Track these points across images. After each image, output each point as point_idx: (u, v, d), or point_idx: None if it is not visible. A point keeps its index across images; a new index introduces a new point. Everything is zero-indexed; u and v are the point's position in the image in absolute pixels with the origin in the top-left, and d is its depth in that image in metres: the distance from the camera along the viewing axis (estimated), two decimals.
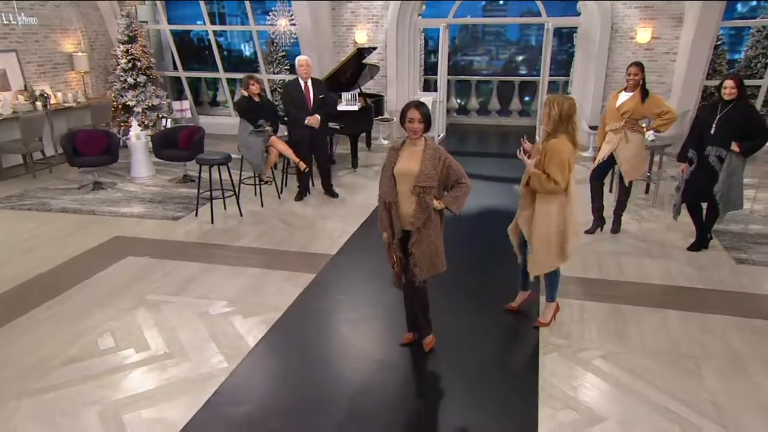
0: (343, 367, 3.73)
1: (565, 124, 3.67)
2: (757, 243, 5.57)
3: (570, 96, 3.83)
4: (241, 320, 4.21)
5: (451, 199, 3.49)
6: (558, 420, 3.15)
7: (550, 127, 3.70)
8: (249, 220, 6.43)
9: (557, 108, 3.65)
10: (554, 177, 3.64)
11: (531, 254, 3.92)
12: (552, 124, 3.68)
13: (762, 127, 5.01)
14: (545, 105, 3.74)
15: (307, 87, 6.85)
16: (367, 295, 4.70)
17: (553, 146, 3.67)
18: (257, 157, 6.83)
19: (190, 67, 12.45)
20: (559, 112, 3.64)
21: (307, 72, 6.82)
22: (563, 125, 3.67)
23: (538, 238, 3.84)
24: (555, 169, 3.63)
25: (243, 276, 4.94)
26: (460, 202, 3.51)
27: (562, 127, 3.67)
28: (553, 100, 3.70)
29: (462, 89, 12.89)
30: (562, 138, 3.69)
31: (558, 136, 3.67)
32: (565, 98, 3.72)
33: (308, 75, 6.84)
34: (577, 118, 3.71)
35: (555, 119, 3.66)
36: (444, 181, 3.49)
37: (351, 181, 8.07)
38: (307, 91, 6.85)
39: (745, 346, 3.84)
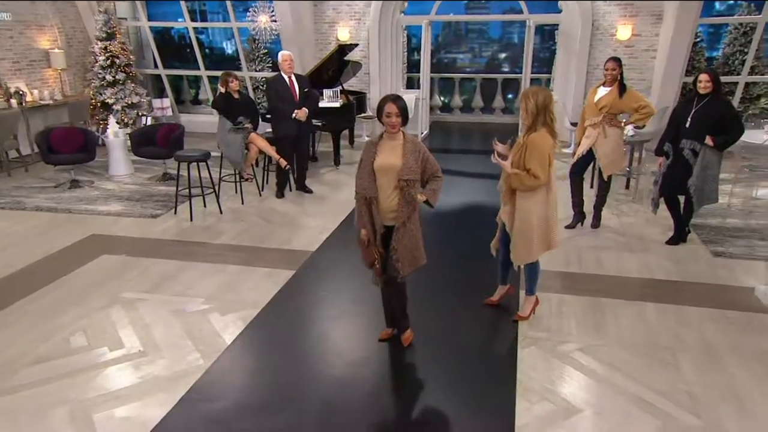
0: (320, 363, 3.69)
1: (543, 116, 3.66)
2: (733, 236, 5.62)
3: (545, 88, 3.82)
4: (218, 317, 4.15)
5: (430, 192, 3.48)
6: (534, 412, 3.14)
7: (529, 121, 3.69)
8: (229, 217, 6.36)
9: (533, 100, 3.64)
10: (535, 172, 3.63)
11: (512, 245, 3.91)
12: (530, 117, 3.67)
13: (736, 121, 5.06)
14: (521, 99, 3.74)
15: (292, 81, 6.81)
16: (347, 291, 4.67)
17: (534, 141, 3.66)
18: (237, 154, 6.76)
19: (171, 65, 12.31)
20: (536, 104, 3.63)
21: (291, 67, 6.79)
22: (541, 117, 3.66)
23: (519, 232, 3.83)
24: (536, 164, 3.62)
25: (221, 273, 4.88)
26: (437, 196, 3.51)
27: (541, 120, 3.66)
28: (529, 92, 3.69)
29: (445, 87, 12.91)
30: (542, 131, 3.68)
31: (538, 130, 3.66)
32: (541, 90, 3.71)
33: (292, 70, 6.81)
34: (553, 108, 3.70)
35: (532, 111, 3.65)
36: (421, 175, 3.47)
37: (333, 178, 8.03)
38: (292, 85, 6.81)
39: (720, 338, 3.87)
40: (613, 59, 5.52)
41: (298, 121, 6.73)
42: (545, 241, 3.89)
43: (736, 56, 9.81)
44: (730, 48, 9.92)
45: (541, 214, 3.81)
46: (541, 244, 3.88)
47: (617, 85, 5.48)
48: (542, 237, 3.86)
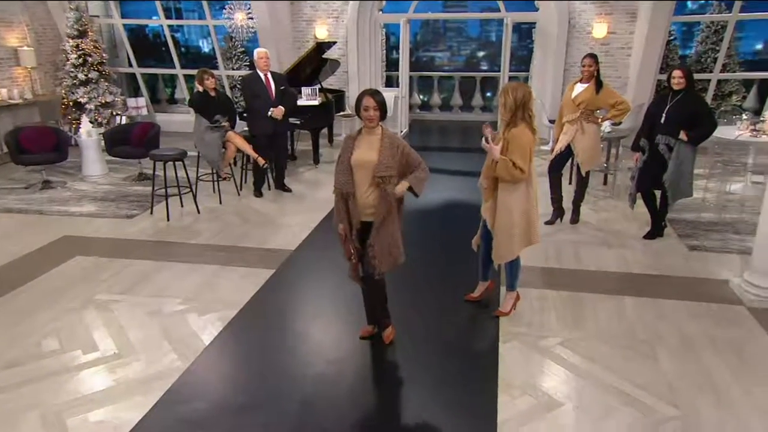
0: (300, 362, 3.64)
1: (522, 112, 3.66)
2: (708, 230, 5.71)
3: (524, 84, 3.83)
4: (195, 318, 4.08)
5: (414, 179, 3.43)
6: (516, 407, 3.14)
7: (507, 116, 3.69)
8: (206, 216, 6.27)
9: (512, 96, 3.64)
10: (519, 164, 3.63)
11: (494, 243, 3.91)
12: (508, 112, 3.68)
13: (709, 116, 5.13)
14: (500, 94, 3.74)
15: (268, 79, 6.75)
16: (327, 289, 4.63)
17: (514, 135, 3.66)
18: (214, 152, 6.67)
19: (146, 63, 12.11)
20: (514, 100, 3.64)
21: (267, 64, 6.72)
22: (520, 113, 3.66)
23: (501, 228, 3.82)
24: (518, 157, 3.62)
25: (198, 273, 4.80)
26: (422, 184, 3.48)
27: (519, 115, 3.66)
28: (508, 88, 3.69)
29: (424, 85, 12.92)
30: (522, 126, 3.68)
31: (518, 125, 3.67)
32: (519, 85, 3.72)
33: (268, 67, 6.75)
34: (533, 105, 3.71)
35: (511, 107, 3.65)
36: (403, 170, 3.44)
37: (312, 176, 7.97)
38: (268, 83, 6.75)
39: (697, 330, 3.91)
40: (590, 56, 5.57)
41: (275, 120, 6.66)
42: (526, 237, 3.90)
43: (709, 54, 9.99)
44: (702, 46, 10.09)
45: (523, 209, 3.81)
46: (523, 239, 3.89)
47: (594, 81, 5.53)
48: (523, 233, 3.87)
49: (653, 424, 2.99)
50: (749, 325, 3.97)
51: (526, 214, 3.83)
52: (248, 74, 6.98)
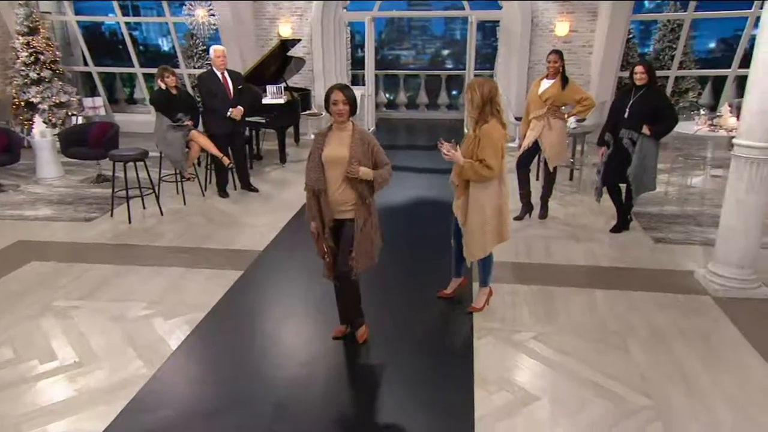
0: (272, 365, 3.54)
1: (490, 107, 3.64)
2: (672, 223, 5.83)
3: (490, 79, 3.81)
4: (161, 322, 3.93)
5: (380, 177, 3.36)
6: (493, 402, 3.12)
7: (476, 113, 3.66)
8: (170, 218, 6.08)
9: (478, 92, 3.62)
10: (489, 162, 3.60)
11: (466, 241, 3.88)
12: (476, 109, 3.65)
13: (670, 110, 5.24)
14: (467, 91, 3.70)
15: (225, 78, 6.61)
16: (297, 289, 4.54)
17: (487, 131, 3.63)
18: (177, 152, 6.48)
19: (102, 62, 11.73)
20: (481, 96, 3.61)
21: (224, 62, 6.58)
22: (488, 108, 3.64)
23: (473, 225, 3.79)
24: (489, 154, 3.59)
25: (163, 276, 4.64)
26: (383, 185, 3.39)
27: (488, 110, 3.65)
28: (474, 84, 3.67)
29: (390, 84, 12.90)
30: (493, 122, 3.66)
31: (488, 121, 3.64)
32: (485, 81, 3.70)
33: (224, 65, 6.60)
34: (500, 99, 3.70)
35: (478, 103, 3.63)
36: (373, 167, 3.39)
37: (279, 176, 7.83)
38: (226, 82, 6.61)
39: (665, 320, 3.97)
40: (555, 52, 5.62)
41: (232, 119, 6.53)
42: (498, 234, 3.88)
43: (666, 52, 10.24)
44: (660, 44, 10.34)
45: (495, 206, 3.79)
46: (495, 236, 3.87)
47: (560, 77, 5.58)
48: (495, 230, 3.85)
49: (626, 414, 3.01)
50: (715, 315, 4.05)
51: (498, 211, 3.82)
52: (204, 72, 6.81)
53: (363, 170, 3.29)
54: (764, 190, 4.08)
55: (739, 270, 4.26)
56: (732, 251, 4.25)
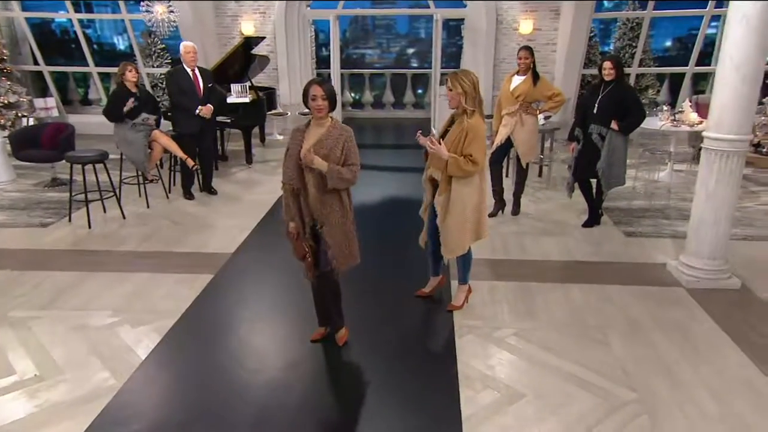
0: (248, 371, 3.39)
1: (477, 96, 3.57)
2: (641, 217, 5.91)
3: (467, 69, 3.73)
4: (128, 330, 3.73)
5: (336, 172, 3.13)
6: (479, 402, 3.06)
7: (470, 103, 3.54)
8: (133, 222, 5.83)
9: (466, 81, 3.52)
10: (476, 158, 3.53)
11: (444, 238, 3.80)
12: (470, 99, 3.54)
13: (638, 105, 5.30)
14: (452, 82, 3.54)
15: (195, 75, 6.39)
16: (271, 292, 4.40)
17: (474, 126, 3.55)
18: (139, 153, 6.21)
19: (54, 61, 11.24)
20: (471, 83, 3.53)
21: (194, 59, 6.37)
22: (477, 98, 3.56)
23: (452, 222, 3.71)
24: (477, 149, 3.53)
25: (128, 282, 4.42)
26: (339, 178, 3.15)
27: (477, 100, 3.57)
28: (459, 74, 3.56)
29: (355, 83, 12.77)
30: (477, 116, 3.59)
31: (474, 113, 3.57)
32: (466, 71, 3.62)
33: (195, 62, 6.39)
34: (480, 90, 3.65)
35: (470, 93, 3.52)
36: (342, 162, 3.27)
37: (246, 177, 7.63)
38: (196, 79, 6.40)
39: (642, 312, 4.00)
40: (526, 48, 5.62)
41: (201, 118, 6.32)
42: (476, 231, 3.83)
43: (626, 50, 10.45)
44: (620, 42, 10.55)
45: (476, 203, 3.73)
46: (473, 233, 3.82)
47: (531, 73, 5.58)
48: (474, 226, 3.80)
49: (613, 408, 3.00)
50: (689, 306, 4.10)
51: (477, 207, 3.76)
52: (174, 69, 6.57)
53: (317, 160, 3.10)
54: (733, 182, 4.15)
55: (711, 261, 4.33)
56: (703, 243, 4.32)
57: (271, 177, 7.53)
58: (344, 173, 3.16)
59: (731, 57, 3.95)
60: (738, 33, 3.89)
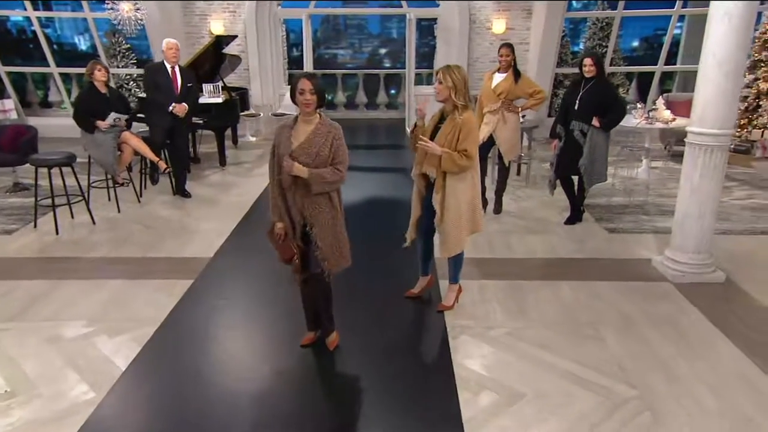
0: (236, 380, 3.24)
1: (467, 92, 3.51)
2: (621, 213, 5.95)
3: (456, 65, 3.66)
4: (106, 340, 3.54)
5: (317, 174, 3.02)
6: (478, 404, 2.98)
7: (462, 98, 3.48)
8: (104, 227, 5.58)
9: (457, 75, 3.46)
10: (471, 152, 3.48)
11: (443, 237, 3.72)
12: (459, 94, 3.48)
13: (618, 102, 5.34)
14: (442, 76, 3.47)
15: (174, 72, 6.24)
16: (255, 297, 4.24)
17: (468, 121, 3.50)
18: (108, 155, 5.96)
19: (11, 61, 10.77)
20: (462, 78, 3.47)
21: (176, 56, 6.24)
22: (465, 92, 3.50)
23: (451, 219, 3.64)
24: (471, 144, 3.48)
25: (103, 290, 4.21)
26: (323, 181, 3.04)
27: (466, 96, 3.51)
28: (451, 68, 3.49)
29: (327, 83, 12.60)
30: (470, 111, 3.54)
31: (467, 108, 3.51)
32: (457, 66, 3.56)
33: (176, 60, 6.23)
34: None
35: (460, 88, 3.46)
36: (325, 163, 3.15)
37: (220, 179, 7.42)
38: (174, 76, 6.26)
39: (632, 308, 3.99)
40: (507, 45, 5.60)
41: (174, 115, 6.13)
42: (471, 225, 3.75)
43: (597, 49, 10.57)
44: (591, 42, 10.67)
45: (470, 198, 3.66)
46: (468, 229, 3.75)
47: (512, 71, 5.56)
48: (469, 222, 3.72)
49: (615, 406, 2.96)
50: (677, 300, 4.11)
51: (471, 202, 3.69)
52: (153, 64, 6.50)
53: (297, 167, 2.99)
54: (717, 176, 4.18)
55: (696, 255, 4.36)
56: (689, 238, 4.34)
57: (246, 179, 7.35)
58: (327, 176, 3.05)
59: (714, 54, 3.98)
60: (720, 30, 3.93)
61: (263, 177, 7.38)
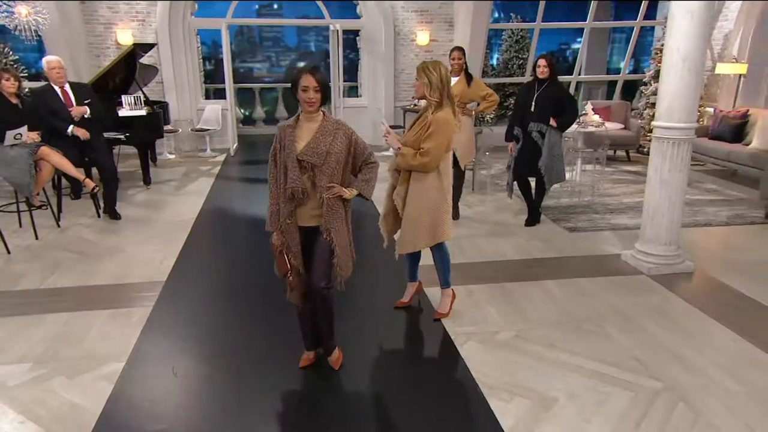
0: (232, 416, 2.80)
1: (447, 89, 3.37)
2: (573, 213, 6.07)
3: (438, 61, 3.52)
4: (65, 383, 2.94)
5: (363, 183, 2.90)
6: (513, 412, 2.78)
7: (437, 95, 3.33)
8: (23, 256, 4.79)
9: (436, 73, 3.32)
10: (431, 152, 3.31)
11: (400, 231, 3.56)
12: (437, 91, 3.33)
13: (572, 102, 5.48)
14: (421, 74, 3.34)
15: (66, 93, 5.64)
16: (232, 319, 3.78)
17: (441, 119, 3.34)
18: (23, 174, 5.12)
19: None
20: (440, 77, 3.33)
21: (61, 75, 5.64)
22: (445, 90, 3.36)
23: (409, 215, 3.47)
24: (433, 143, 3.31)
25: (42, 326, 3.55)
26: (372, 185, 2.94)
27: (446, 93, 3.36)
28: (428, 65, 3.36)
29: (245, 98, 12.07)
30: (446, 110, 3.38)
31: (444, 107, 3.36)
32: (436, 63, 3.41)
33: (63, 79, 5.64)
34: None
35: (436, 85, 3.32)
36: (352, 163, 2.90)
37: (149, 199, 6.72)
38: (67, 97, 5.67)
39: (622, 302, 3.99)
40: (458, 48, 5.57)
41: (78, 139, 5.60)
42: (433, 232, 3.53)
43: (513, 61, 11.00)
44: (507, 54, 11.08)
45: (433, 203, 3.46)
46: (429, 234, 3.53)
47: (464, 74, 5.53)
48: (430, 227, 3.51)
49: (649, 399, 2.87)
50: (659, 291, 4.18)
51: (435, 206, 3.47)
52: (41, 87, 5.77)
53: (341, 190, 2.82)
54: (684, 168, 4.34)
55: (666, 247, 4.49)
56: (660, 229, 4.46)
57: (177, 198, 6.73)
58: (374, 176, 2.92)
59: (678, 49, 4.13)
60: (683, 26, 4.09)
61: (195, 195, 6.82)
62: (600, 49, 12.65)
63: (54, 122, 5.52)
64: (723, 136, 7.90)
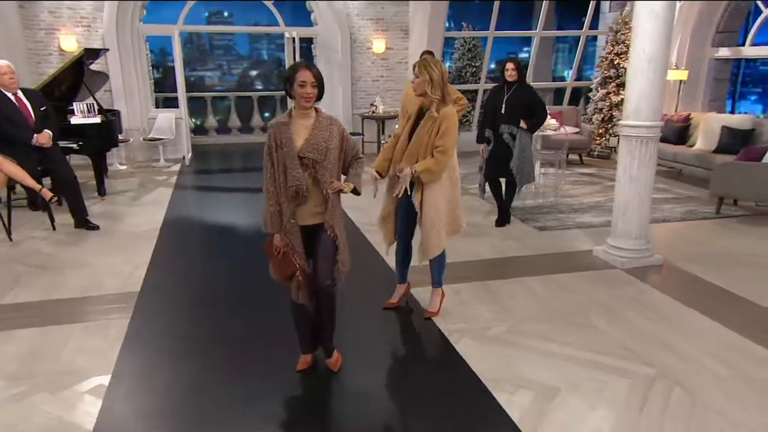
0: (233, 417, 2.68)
1: (445, 87, 3.40)
2: (540, 213, 6.22)
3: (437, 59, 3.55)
4: (49, 399, 2.74)
5: (356, 177, 2.90)
6: (519, 404, 2.79)
7: (438, 93, 3.34)
8: None
9: (437, 69, 3.35)
10: (446, 148, 3.32)
11: (423, 239, 3.51)
12: (437, 88, 3.34)
13: (541, 105, 5.62)
14: (421, 71, 3.35)
15: (20, 99, 5.33)
16: (216, 326, 3.63)
17: (447, 115, 3.36)
18: None
19: None
20: (439, 73, 3.35)
21: (13, 81, 5.29)
22: (443, 87, 3.38)
23: (429, 221, 3.46)
24: (449, 140, 3.34)
25: (14, 342, 3.31)
26: (361, 179, 2.94)
27: (444, 90, 3.38)
28: (428, 62, 3.38)
29: (196, 107, 11.74)
30: (449, 105, 3.42)
31: (447, 102, 3.38)
32: (436, 60, 3.45)
33: (15, 85, 5.31)
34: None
35: (437, 81, 3.33)
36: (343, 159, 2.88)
37: (106, 210, 6.38)
38: (21, 104, 5.34)
39: (602, 295, 4.11)
40: (428, 52, 5.62)
41: (40, 148, 5.31)
42: (452, 226, 3.61)
43: (467, 69, 11.23)
44: (461, 62, 11.29)
45: (449, 196, 3.52)
46: (449, 228, 3.60)
47: None
48: (448, 222, 3.57)
49: (647, 385, 2.95)
50: (634, 284, 4.33)
51: (451, 200, 3.55)
52: None
53: (338, 185, 2.81)
54: (652, 164, 4.53)
55: (637, 241, 4.65)
56: (631, 224, 4.62)
57: (136, 208, 6.45)
58: (362, 171, 2.93)
59: (644, 50, 4.32)
60: (648, 27, 4.28)
61: (154, 205, 6.57)
62: (545, 57, 13.13)
63: (12, 131, 5.18)
64: (668, 139, 8.30)
